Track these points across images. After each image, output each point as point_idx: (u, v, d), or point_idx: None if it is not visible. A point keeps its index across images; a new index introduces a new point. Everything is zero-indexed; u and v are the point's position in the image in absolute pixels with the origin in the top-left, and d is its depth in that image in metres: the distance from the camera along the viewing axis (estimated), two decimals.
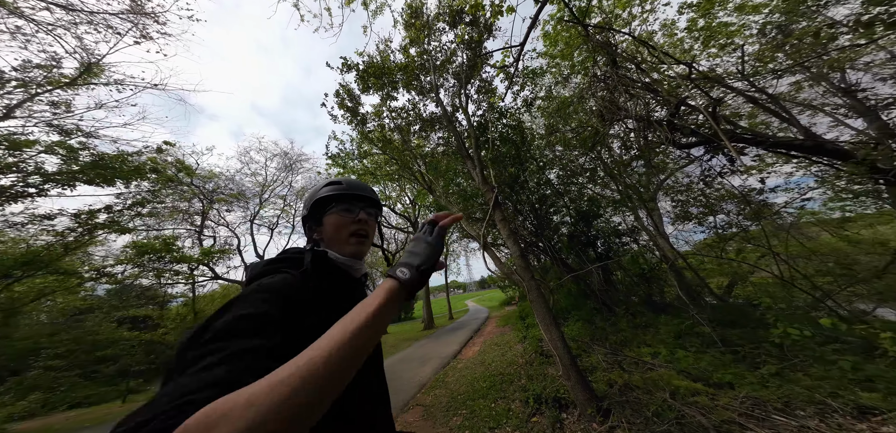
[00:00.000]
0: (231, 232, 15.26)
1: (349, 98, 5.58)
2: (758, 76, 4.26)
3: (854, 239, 3.63)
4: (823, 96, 4.78)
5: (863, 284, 3.14)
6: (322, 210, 0.73)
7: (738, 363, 2.76)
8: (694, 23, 4.28)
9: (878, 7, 3.32)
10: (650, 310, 3.96)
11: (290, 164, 16.13)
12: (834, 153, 3.72)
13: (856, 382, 2.16)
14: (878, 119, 4.37)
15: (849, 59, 4.35)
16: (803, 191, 4.07)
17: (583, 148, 4.44)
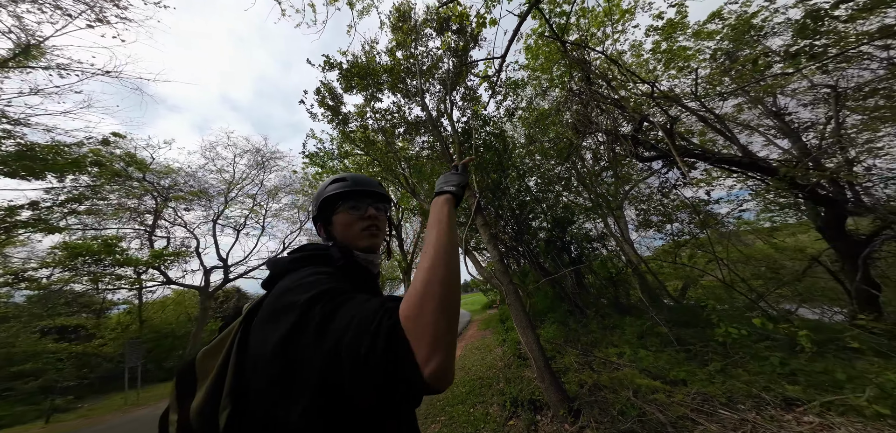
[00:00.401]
0: (189, 232, 13.78)
1: (331, 96, 5.35)
2: (708, 97, 4.75)
3: (780, 246, 4.23)
4: (758, 118, 5.47)
5: (787, 287, 3.67)
6: (330, 209, 0.73)
7: (690, 361, 3.06)
8: (658, 45, 4.66)
9: (803, 40, 3.83)
10: (617, 311, 4.28)
11: (263, 162, 14.97)
12: (765, 169, 4.26)
13: (783, 376, 2.49)
14: (799, 140, 5.06)
15: (779, 85, 4.99)
16: (741, 202, 4.65)
17: (559, 158, 4.69)
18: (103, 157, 8.68)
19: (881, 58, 3.89)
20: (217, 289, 14.40)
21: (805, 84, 5.15)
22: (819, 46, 3.80)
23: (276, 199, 15.81)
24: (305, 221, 17.16)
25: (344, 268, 0.64)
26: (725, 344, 3.01)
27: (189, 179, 12.85)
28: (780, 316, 3.20)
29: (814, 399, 2.14)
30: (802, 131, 5.05)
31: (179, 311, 13.84)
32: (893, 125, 4.29)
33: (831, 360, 2.54)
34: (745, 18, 4.56)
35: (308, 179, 9.05)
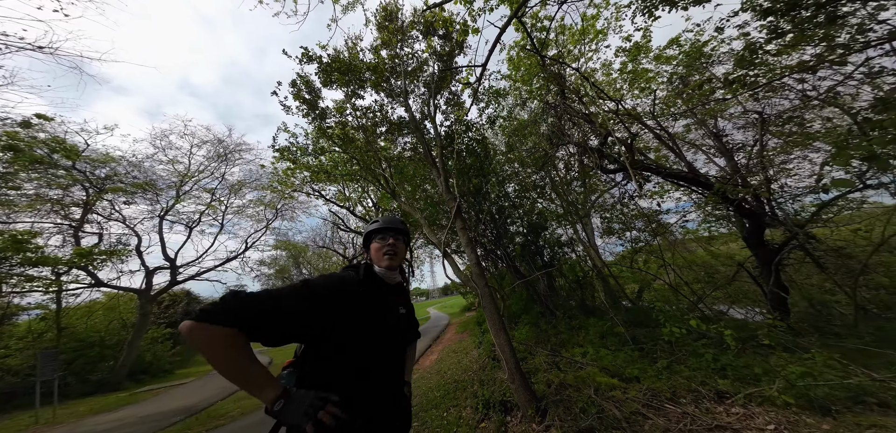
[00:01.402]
0: (129, 229, 11.97)
1: (308, 90, 5.01)
2: (663, 117, 5.25)
3: (715, 253, 4.87)
4: (702, 138, 6.18)
5: (720, 290, 4.24)
6: (369, 240, 1.10)
7: (643, 359, 3.40)
8: (625, 66, 5.02)
9: (741, 70, 4.34)
10: (583, 312, 4.62)
11: (225, 154, 13.41)
12: (705, 184, 4.83)
13: (715, 371, 2.87)
14: (732, 159, 5.80)
15: (720, 109, 5.65)
16: (685, 213, 5.25)
17: (535, 166, 4.89)
18: (20, 141, 7.22)
19: (798, 89, 4.53)
20: (161, 291, 12.79)
21: (740, 109, 5.88)
22: (751, 76, 4.35)
23: (239, 195, 14.38)
24: (273, 220, 15.89)
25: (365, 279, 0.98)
26: (671, 342, 3.39)
27: (132, 170, 11.14)
28: (714, 316, 3.70)
29: (739, 391, 2.49)
30: (735, 151, 5.79)
31: (111, 317, 12.01)
32: (802, 149, 5.08)
33: (751, 356, 2.97)
34: (698, 46, 5.08)
35: (278, 174, 8.36)
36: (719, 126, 6.14)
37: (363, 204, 14.11)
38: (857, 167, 3.60)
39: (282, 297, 0.75)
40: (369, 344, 0.87)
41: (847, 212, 4.68)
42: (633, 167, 4.01)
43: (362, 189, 11.83)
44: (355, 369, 0.83)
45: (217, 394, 7.14)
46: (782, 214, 4.76)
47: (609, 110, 4.45)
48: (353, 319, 0.85)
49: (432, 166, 3.93)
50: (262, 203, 14.83)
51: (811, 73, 4.03)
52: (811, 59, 3.86)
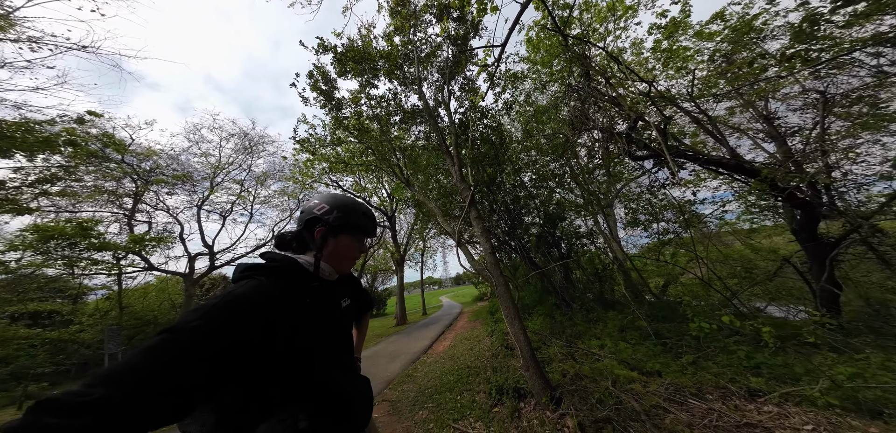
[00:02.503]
0: (173, 217, 13.34)
1: (324, 81, 5.13)
2: (702, 99, 4.81)
3: (756, 247, 4.46)
4: (749, 121, 5.59)
5: (759, 286, 3.91)
6: (337, 229, 0.81)
7: (665, 353, 3.26)
8: (659, 44, 4.62)
9: (800, 45, 3.86)
10: (601, 306, 4.48)
11: (250, 146, 14.28)
12: (749, 172, 4.40)
13: (748, 369, 2.69)
14: (784, 144, 5.22)
15: (772, 89, 5.07)
16: (724, 203, 4.84)
17: (554, 154, 4.71)
18: (78, 137, 8.20)
19: (871, 65, 3.96)
20: (202, 276, 14.18)
21: (797, 89, 5.24)
22: (814, 51, 3.84)
23: (264, 186, 15.40)
24: (295, 209, 16.83)
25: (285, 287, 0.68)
26: (698, 338, 3.22)
27: (172, 162, 12.24)
28: (750, 313, 3.43)
29: (774, 390, 2.33)
30: (789, 136, 5.19)
31: (162, 298, 13.60)
32: (873, 133, 4.46)
33: (792, 355, 2.75)
34: (747, 20, 4.55)
35: (299, 166, 8.82)
36: (770, 108, 5.53)
37: (378, 195, 14.49)
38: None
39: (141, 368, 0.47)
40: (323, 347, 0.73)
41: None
42: (670, 153, 3.75)
43: (377, 179, 12.13)
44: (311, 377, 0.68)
45: None
46: (843, 205, 4.26)
47: (639, 92, 4.16)
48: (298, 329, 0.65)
49: (446, 155, 3.94)
50: (285, 193, 15.72)
51: (891, 45, 3.49)
52: (890, 30, 3.34)
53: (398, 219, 16.67)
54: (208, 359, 0.50)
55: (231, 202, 14.61)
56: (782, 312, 3.84)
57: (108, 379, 0.44)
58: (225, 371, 0.52)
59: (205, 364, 0.50)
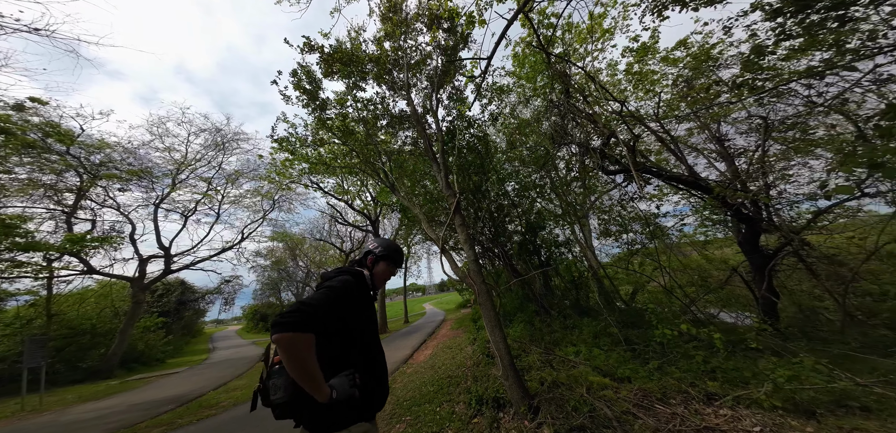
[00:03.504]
0: (123, 216, 11.88)
1: (308, 80, 4.94)
2: (666, 119, 5.23)
3: (710, 258, 4.93)
4: (704, 142, 6.18)
5: (712, 294, 4.32)
6: (379, 259, 1.34)
7: (634, 359, 3.47)
8: (631, 67, 4.96)
9: (748, 74, 4.30)
10: (577, 313, 4.68)
11: (223, 143, 13.22)
12: (704, 188, 4.83)
13: (705, 373, 2.93)
14: (732, 164, 5.81)
15: (725, 113, 5.63)
16: (683, 217, 5.30)
17: (536, 165, 4.88)
18: (12, 125, 7.08)
19: (803, 95, 4.50)
20: (155, 280, 12.77)
21: (744, 114, 5.86)
22: (759, 80, 4.31)
23: (236, 185, 14.27)
24: (269, 210, 15.79)
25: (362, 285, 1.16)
26: (662, 344, 3.46)
27: (128, 156, 10.97)
28: (705, 320, 3.77)
29: (728, 393, 2.56)
30: (737, 156, 5.80)
31: (103, 305, 12.00)
32: (803, 156, 5.09)
33: (741, 359, 3.05)
34: (706, 49, 5.02)
35: (276, 165, 8.29)
36: (722, 130, 6.14)
37: (361, 198, 14.03)
38: (857, 175, 3.61)
39: (329, 301, 0.94)
40: (369, 329, 1.15)
41: (842, 220, 4.73)
42: (636, 169, 4.01)
43: (361, 182, 11.75)
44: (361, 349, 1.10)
45: (208, 384, 7.22)
46: (779, 220, 4.81)
47: (613, 111, 4.42)
48: (361, 313, 1.12)
49: (433, 161, 3.92)
50: (259, 193, 14.72)
51: (819, 78, 4.00)
52: (820, 65, 3.83)
53: (382, 224, 16.27)
54: (337, 308, 0.97)
55: (195, 201, 13.33)
56: (732, 318, 4.27)
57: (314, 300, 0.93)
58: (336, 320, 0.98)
59: (335, 312, 0.96)
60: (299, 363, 0.82)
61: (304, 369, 0.83)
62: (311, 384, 0.84)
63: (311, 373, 0.84)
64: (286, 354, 0.82)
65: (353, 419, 0.99)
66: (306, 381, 0.84)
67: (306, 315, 0.83)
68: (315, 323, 0.84)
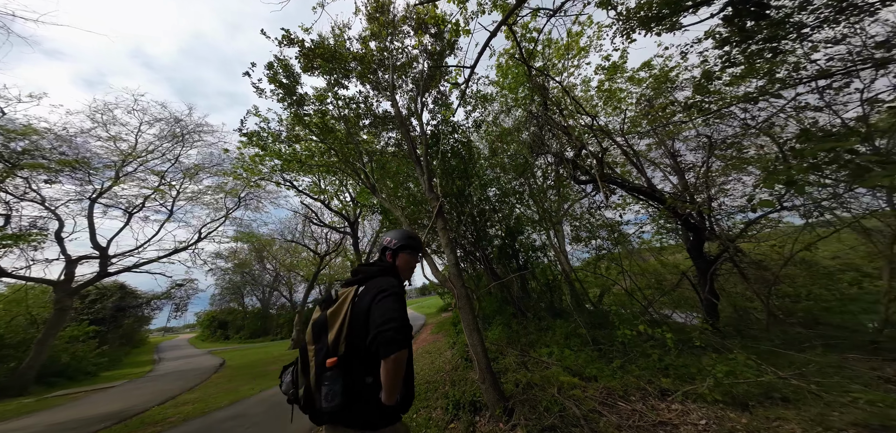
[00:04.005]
0: (50, 211, 10.10)
1: (286, 74, 4.66)
2: (630, 134, 5.68)
3: (664, 263, 5.47)
4: (661, 156, 6.82)
5: (666, 296, 4.80)
6: (400, 250, 1.34)
7: (600, 359, 3.73)
8: (602, 84, 5.30)
9: (698, 96, 4.78)
10: (551, 315, 4.93)
11: (182, 134, 11.80)
12: (660, 199, 5.33)
13: (660, 371, 3.24)
14: (683, 178, 6.48)
15: (678, 131, 6.24)
16: (642, 225, 5.82)
17: (516, 172, 5.05)
18: None
19: (741, 118, 5.12)
20: (86, 284, 11.06)
21: (693, 133, 6.55)
22: (706, 103, 4.84)
23: (195, 180, 12.84)
24: (234, 208, 14.43)
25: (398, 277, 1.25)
26: (624, 343, 3.76)
27: (60, 145, 9.42)
28: (660, 320, 4.18)
29: (679, 389, 2.85)
30: (686, 171, 6.47)
31: (14, 312, 10.15)
32: (738, 172, 5.80)
33: (689, 357, 3.41)
34: (666, 71, 5.53)
35: (243, 160, 7.59)
36: (675, 147, 6.81)
37: (340, 198, 13.37)
38: (778, 191, 4.20)
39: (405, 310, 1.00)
40: None
41: (767, 229, 5.50)
42: (602, 180, 4.31)
43: (340, 182, 11.20)
44: None
45: (153, 399, 6.43)
46: (718, 229, 5.46)
47: (585, 125, 4.70)
48: None
49: (416, 164, 3.89)
50: (222, 190, 13.39)
51: (753, 103, 4.58)
52: (754, 91, 4.38)
53: (361, 226, 15.62)
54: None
55: (144, 196, 11.73)
56: (682, 319, 4.78)
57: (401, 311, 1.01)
58: None
59: None
60: (398, 376, 0.93)
61: (398, 379, 0.93)
62: (396, 391, 0.95)
63: (399, 384, 0.95)
64: (397, 367, 0.91)
65: (397, 416, 1.07)
66: (396, 389, 0.95)
67: (408, 331, 0.94)
68: (410, 337, 0.96)
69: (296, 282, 24.59)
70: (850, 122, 3.88)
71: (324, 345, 1.03)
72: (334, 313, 1.05)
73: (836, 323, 3.98)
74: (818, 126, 4.12)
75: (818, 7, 3.26)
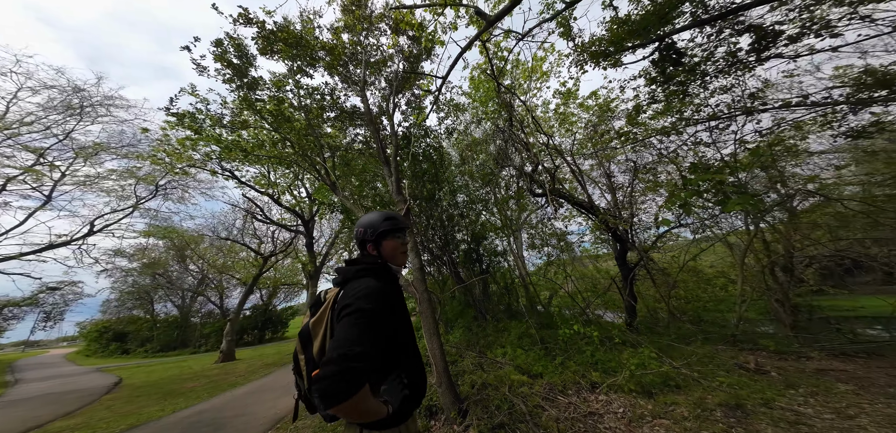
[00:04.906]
0: None
1: (237, 54, 4.11)
2: (578, 155, 6.42)
3: (599, 269, 6.40)
4: (600, 176, 7.87)
5: (600, 298, 5.63)
6: (383, 238, 1.15)
7: (546, 357, 4.18)
8: (558, 107, 5.86)
9: (629, 126, 5.60)
10: (507, 316, 5.33)
11: (81, 106, 9.32)
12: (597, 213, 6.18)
13: (591, 365, 3.80)
14: (614, 195, 7.57)
15: (613, 155, 7.23)
16: (584, 235, 6.68)
17: (483, 181, 5.28)
18: None
19: (658, 147, 6.14)
20: None
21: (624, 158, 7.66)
22: (634, 133, 5.72)
23: (94, 161, 10.11)
24: (148, 198, 11.75)
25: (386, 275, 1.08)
26: (565, 341, 4.30)
27: None
28: (594, 320, 4.90)
29: (605, 382, 3.38)
30: (617, 190, 7.58)
31: None
32: (653, 194, 6.99)
33: (612, 352, 4.06)
34: (608, 101, 6.37)
35: (168, 143, 6.19)
36: (611, 169, 7.90)
37: (293, 193, 11.92)
38: (676, 210, 5.21)
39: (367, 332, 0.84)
40: (405, 326, 1.09)
41: (671, 242, 6.79)
42: (552, 194, 4.81)
43: (296, 175, 10.00)
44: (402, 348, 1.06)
45: (3, 429, 4.94)
46: (637, 241, 6.54)
47: (542, 143, 5.16)
48: (395, 312, 1.04)
49: (384, 165, 3.78)
50: (133, 175, 10.81)
51: (666, 136, 5.57)
52: (669, 126, 5.33)
53: (318, 225, 14.03)
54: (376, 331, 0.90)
55: (6, 178, 8.76)
56: (612, 318, 5.66)
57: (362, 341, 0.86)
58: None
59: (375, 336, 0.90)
60: (363, 416, 0.81)
61: (368, 416, 0.83)
62: (374, 419, 0.86)
63: (374, 414, 0.84)
64: (347, 417, 0.84)
65: (407, 415, 1.03)
66: (371, 420, 0.86)
67: (356, 373, 0.75)
68: (366, 372, 0.78)
69: (230, 285, 21.37)
70: (726, 157, 5.00)
71: (309, 357, 1.00)
72: (317, 323, 0.99)
73: (712, 320, 5.20)
74: (706, 159, 5.23)
75: (717, 59, 4.16)
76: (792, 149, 4.57)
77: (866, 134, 3.77)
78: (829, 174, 5.00)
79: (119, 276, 18.44)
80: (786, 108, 4.22)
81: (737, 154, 4.74)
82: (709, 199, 4.46)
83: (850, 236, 4.99)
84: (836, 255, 5.30)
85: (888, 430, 2.18)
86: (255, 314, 22.23)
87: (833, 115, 4.04)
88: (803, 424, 2.35)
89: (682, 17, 3.73)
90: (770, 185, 5.18)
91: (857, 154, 4.73)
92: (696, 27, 3.70)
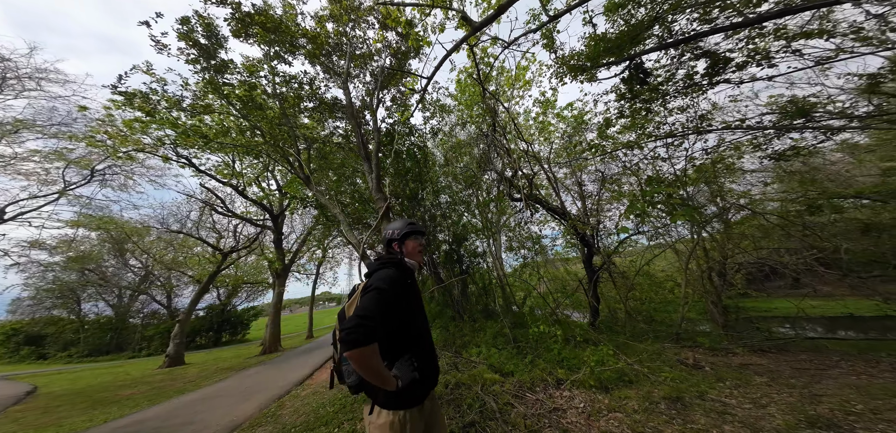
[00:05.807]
0: None
1: (206, 34, 3.77)
2: (553, 163, 6.75)
3: (570, 271, 6.85)
4: (572, 184, 8.35)
5: (569, 299, 6.03)
6: (406, 237, 1.43)
7: (518, 355, 4.40)
8: (538, 116, 6.09)
9: (600, 139, 5.99)
10: (484, 316, 5.49)
11: (2, 77, 7.70)
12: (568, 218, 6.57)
13: (557, 363, 4.07)
14: (584, 203, 8.07)
15: (584, 165, 7.69)
16: (556, 239, 7.08)
17: (466, 183, 5.35)
18: None
19: (622, 160, 6.64)
20: None
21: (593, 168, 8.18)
22: (603, 146, 6.14)
23: (10, 141, 8.51)
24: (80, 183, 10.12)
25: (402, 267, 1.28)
26: (535, 340, 4.55)
27: None
28: (564, 319, 5.26)
29: (569, 378, 3.65)
30: (587, 198, 8.11)
31: None
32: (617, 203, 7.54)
33: (575, 350, 4.39)
34: (582, 113, 6.75)
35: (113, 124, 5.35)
36: (582, 178, 8.41)
37: (261, 185, 10.92)
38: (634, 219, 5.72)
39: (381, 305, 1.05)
40: (418, 316, 1.29)
41: (630, 248, 7.42)
42: (528, 199, 5.04)
43: (265, 166, 9.18)
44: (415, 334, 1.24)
45: None
46: (601, 246, 7.06)
47: (522, 150, 5.35)
48: (410, 301, 1.25)
49: (365, 161, 3.67)
50: (62, 157, 9.24)
51: (629, 150, 6.06)
52: (632, 141, 5.80)
53: (290, 221, 13.04)
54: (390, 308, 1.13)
55: None
56: (578, 317, 6.09)
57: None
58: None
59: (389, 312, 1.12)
60: (369, 370, 0.99)
61: (374, 373, 1.00)
62: (380, 382, 1.02)
63: (380, 374, 1.01)
64: (357, 366, 0.98)
65: (420, 398, 1.19)
66: (377, 381, 1.02)
67: (368, 329, 0.96)
68: (377, 333, 0.98)
69: (180, 283, 19.27)
70: (678, 171, 5.57)
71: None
72: (350, 305, 1.22)
73: (661, 319, 5.82)
74: (662, 173, 5.79)
75: (677, 80, 4.60)
76: (730, 166, 5.22)
77: (786, 157, 4.43)
78: (757, 191, 5.79)
79: (35, 271, 15.76)
80: (728, 130, 4.81)
81: (686, 170, 5.29)
82: (662, 209, 4.96)
83: (769, 246, 5.86)
84: (758, 263, 6.21)
85: (790, 416, 2.64)
86: (210, 315, 20.37)
87: (763, 137, 4.69)
88: (728, 413, 2.76)
89: (651, 38, 4.06)
90: (711, 198, 5.89)
91: (779, 173, 5.53)
92: (662, 49, 4.06)
